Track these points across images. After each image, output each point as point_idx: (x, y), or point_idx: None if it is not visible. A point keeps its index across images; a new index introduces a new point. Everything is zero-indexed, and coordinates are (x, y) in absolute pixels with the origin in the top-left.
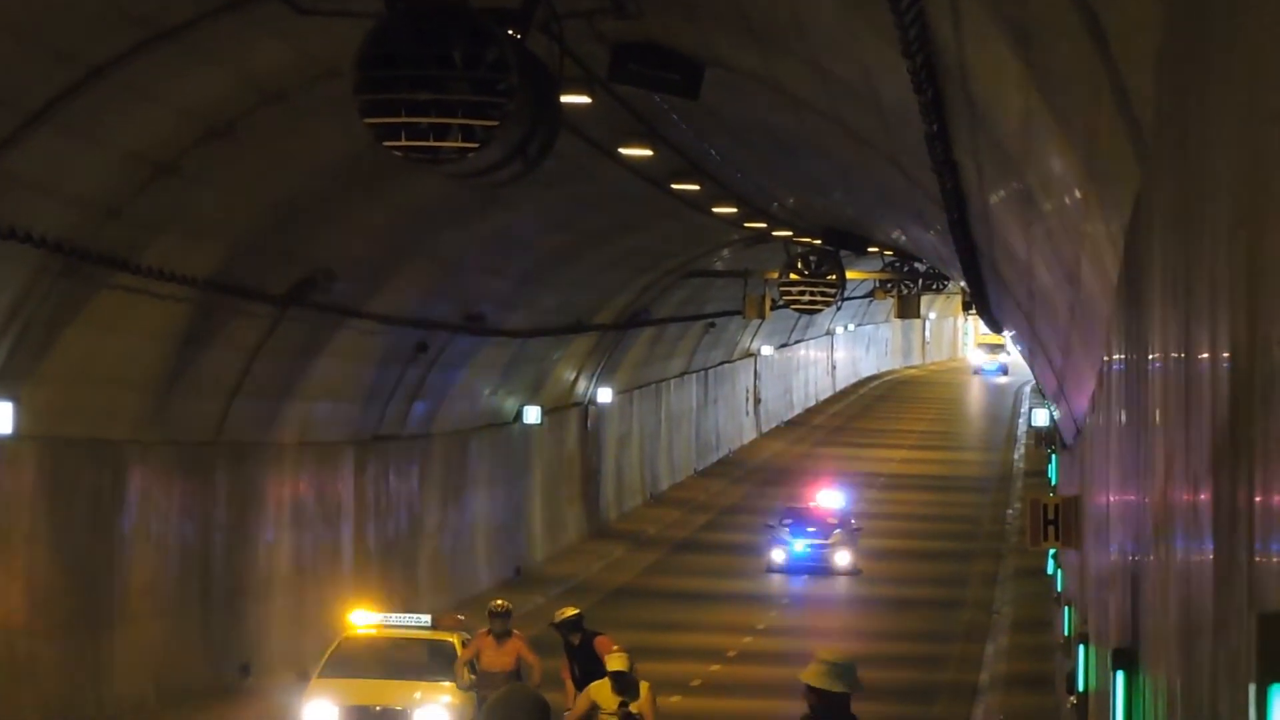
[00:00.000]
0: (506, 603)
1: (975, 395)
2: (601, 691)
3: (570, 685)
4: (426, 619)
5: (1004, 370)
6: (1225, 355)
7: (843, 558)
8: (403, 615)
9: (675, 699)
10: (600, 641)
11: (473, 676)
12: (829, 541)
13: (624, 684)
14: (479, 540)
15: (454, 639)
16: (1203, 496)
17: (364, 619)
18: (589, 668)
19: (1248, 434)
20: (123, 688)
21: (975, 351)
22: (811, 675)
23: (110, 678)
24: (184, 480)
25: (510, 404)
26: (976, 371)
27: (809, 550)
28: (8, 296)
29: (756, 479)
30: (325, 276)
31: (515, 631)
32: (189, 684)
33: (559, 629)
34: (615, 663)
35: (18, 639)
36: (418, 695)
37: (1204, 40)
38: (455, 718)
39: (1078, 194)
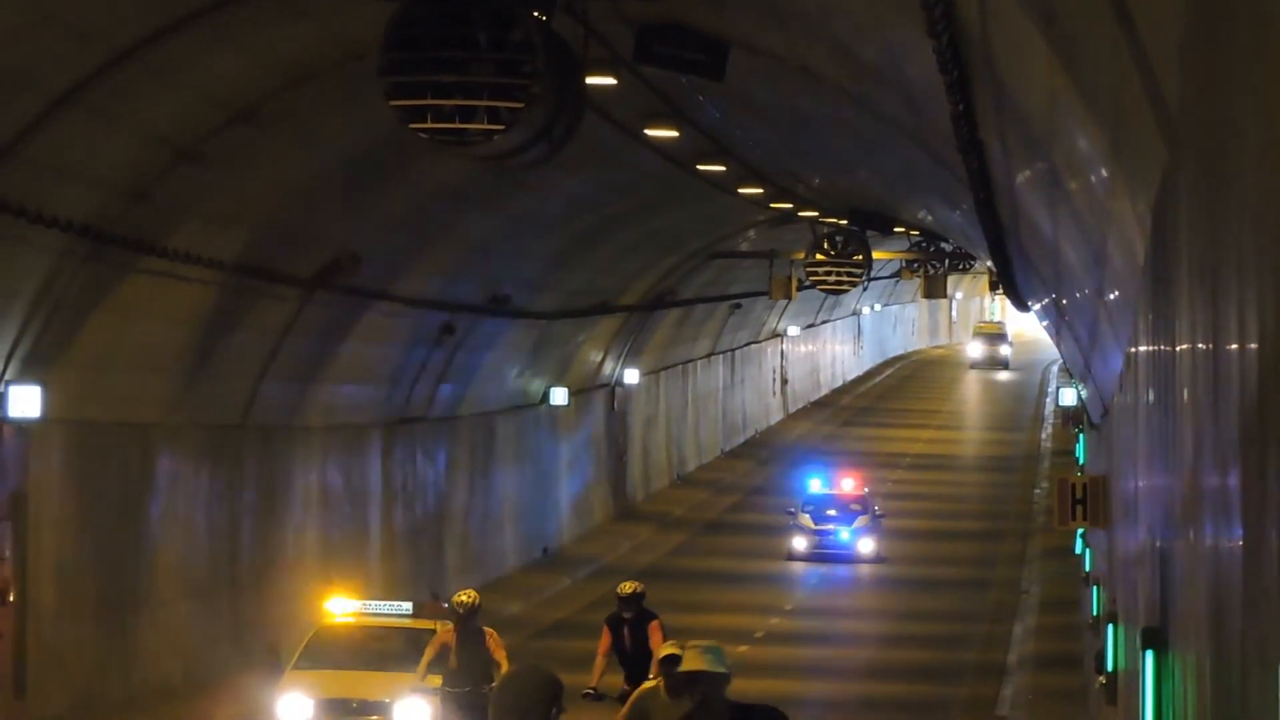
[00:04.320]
0: (475, 596)
1: (1002, 375)
2: (655, 700)
3: (601, 662)
4: (407, 607)
5: (1005, 364)
6: (1253, 335)
7: (866, 545)
8: (382, 603)
9: None
10: (654, 628)
11: (432, 678)
12: (851, 527)
13: (678, 680)
14: (506, 522)
15: (436, 628)
16: (1231, 477)
17: (341, 607)
18: (638, 649)
19: (1276, 414)
20: (150, 671)
21: (973, 343)
22: (693, 661)
23: (138, 661)
24: (211, 463)
25: (537, 386)
26: (974, 366)
27: (831, 538)
28: (34, 281)
29: (784, 460)
30: (351, 259)
31: (487, 628)
32: (217, 667)
33: (623, 602)
34: (669, 648)
35: (45, 622)
36: (401, 683)
37: (1231, 16)
38: (438, 710)
39: (1104, 173)
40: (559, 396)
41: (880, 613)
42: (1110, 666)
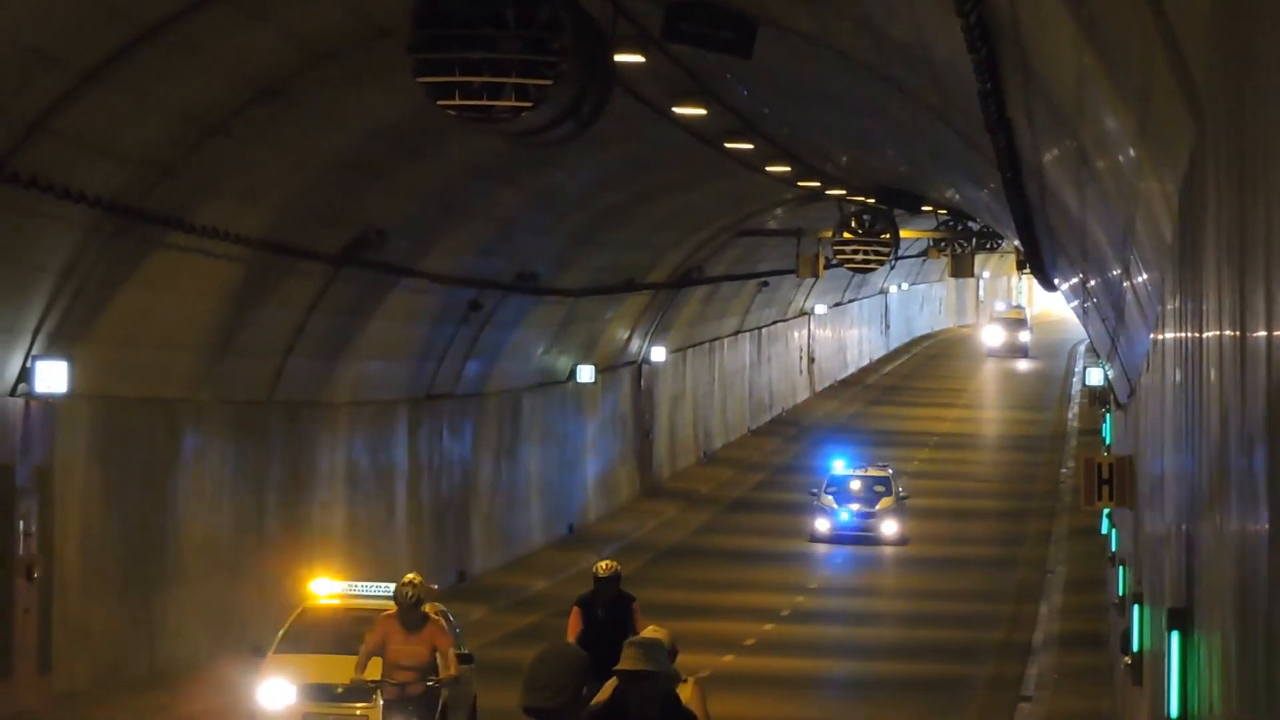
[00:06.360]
0: (417, 579)
1: (1023, 362)
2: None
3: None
4: (393, 588)
5: (1024, 352)
6: None
7: (890, 527)
8: (367, 584)
9: (729, 658)
10: (637, 611)
11: (360, 676)
12: (875, 509)
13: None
14: (532, 499)
15: (425, 609)
16: (1257, 459)
17: (325, 588)
18: (613, 632)
19: None
20: (175, 646)
21: (991, 328)
22: (629, 661)
23: (163, 636)
24: (238, 439)
25: (563, 363)
26: (991, 354)
27: (854, 520)
28: (62, 256)
29: (810, 438)
30: (378, 236)
31: (433, 616)
32: (243, 642)
33: (601, 583)
34: (651, 632)
35: (71, 598)
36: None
37: None
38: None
39: (1132, 153)
40: (585, 374)
41: (905, 592)
42: (1136, 647)
